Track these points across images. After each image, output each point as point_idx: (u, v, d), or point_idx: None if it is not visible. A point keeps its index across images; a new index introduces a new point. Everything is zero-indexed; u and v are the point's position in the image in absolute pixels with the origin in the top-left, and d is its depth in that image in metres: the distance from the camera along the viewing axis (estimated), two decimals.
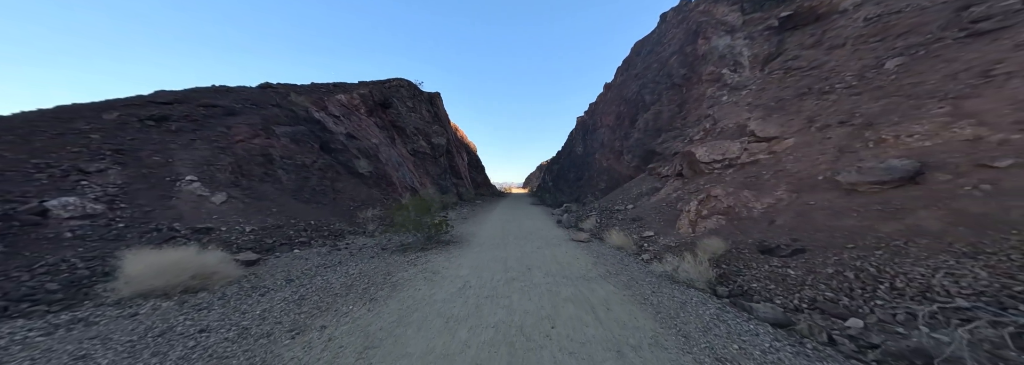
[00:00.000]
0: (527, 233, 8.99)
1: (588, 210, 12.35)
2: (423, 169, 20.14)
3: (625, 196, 11.76)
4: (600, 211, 11.45)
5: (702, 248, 5.41)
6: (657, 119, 14.41)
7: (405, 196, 13.47)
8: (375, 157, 13.65)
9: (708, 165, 8.98)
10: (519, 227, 10.19)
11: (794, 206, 5.43)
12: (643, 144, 14.53)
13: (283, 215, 6.56)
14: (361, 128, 14.77)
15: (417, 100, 23.24)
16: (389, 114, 19.45)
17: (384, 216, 8.59)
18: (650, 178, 12.08)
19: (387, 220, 8.20)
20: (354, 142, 12.96)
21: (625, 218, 9.25)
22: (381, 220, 8.57)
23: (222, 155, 6.89)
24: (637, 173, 14.38)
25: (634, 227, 8.26)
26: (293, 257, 5.38)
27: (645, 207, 9.64)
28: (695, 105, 12.85)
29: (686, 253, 5.37)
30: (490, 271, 5.04)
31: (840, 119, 6.55)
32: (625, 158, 15.33)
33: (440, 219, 7.15)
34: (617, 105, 21.29)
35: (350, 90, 16.66)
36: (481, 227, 10.24)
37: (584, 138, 27.24)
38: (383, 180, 12.72)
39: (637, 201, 10.83)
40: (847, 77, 7.69)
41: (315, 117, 11.81)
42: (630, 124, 16.67)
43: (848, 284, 3.59)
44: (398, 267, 5.17)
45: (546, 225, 10.81)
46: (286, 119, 9.79)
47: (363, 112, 16.27)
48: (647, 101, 15.49)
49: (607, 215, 10.48)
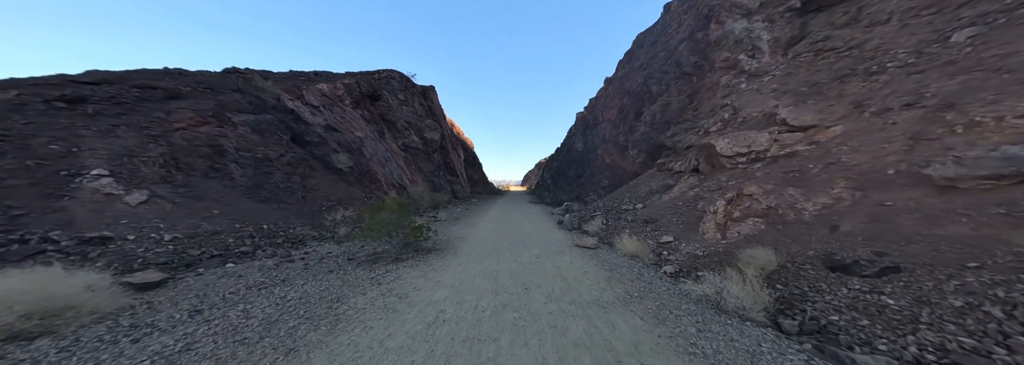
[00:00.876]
0: (524, 237, 7.78)
1: (591, 210, 11.15)
2: (415, 166, 18.87)
3: (633, 194, 10.57)
4: (605, 211, 10.26)
5: (744, 260, 4.22)
6: (665, 111, 13.20)
7: (391, 194, 12.24)
8: (358, 151, 12.38)
9: (730, 159, 7.79)
10: (516, 229, 8.98)
11: (862, 208, 4.24)
12: (650, 138, 13.32)
13: (226, 218, 5.33)
14: (344, 120, 13.48)
15: (409, 93, 21.91)
16: (378, 107, 18.13)
17: (360, 217, 7.35)
18: (659, 174, 10.89)
19: (362, 222, 6.97)
20: (334, 135, 11.68)
21: (635, 220, 8.06)
22: (355, 222, 7.33)
23: (152, 145, 5.64)
24: (644, 169, 13.19)
25: (648, 230, 7.07)
26: (222, 274, 4.15)
27: (657, 207, 8.45)
28: (708, 95, 11.64)
29: (726, 267, 4.18)
30: (475, 293, 3.83)
31: (904, 101, 5.35)
32: (630, 153, 14.13)
33: (419, 223, 5.91)
34: (619, 99, 20.08)
35: (334, 79, 15.33)
36: (473, 229, 9.02)
37: (584, 134, 26.03)
38: (366, 176, 11.47)
39: (647, 200, 9.64)
40: (900, 55, 6.48)
41: (288, 106, 10.52)
42: (635, 117, 15.46)
43: (997, 326, 2.40)
44: (355, 288, 3.95)
45: (546, 227, 9.61)
46: (249, 106, 8.52)
47: (348, 103, 14.96)
48: (654, 92, 14.27)
49: (614, 216, 9.28)
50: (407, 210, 6.10)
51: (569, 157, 27.83)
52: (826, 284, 3.48)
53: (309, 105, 11.80)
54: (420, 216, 11.39)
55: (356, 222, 7.21)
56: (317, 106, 12.37)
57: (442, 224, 9.86)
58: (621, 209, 9.70)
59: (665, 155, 11.69)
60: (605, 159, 17.07)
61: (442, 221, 10.48)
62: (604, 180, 15.81)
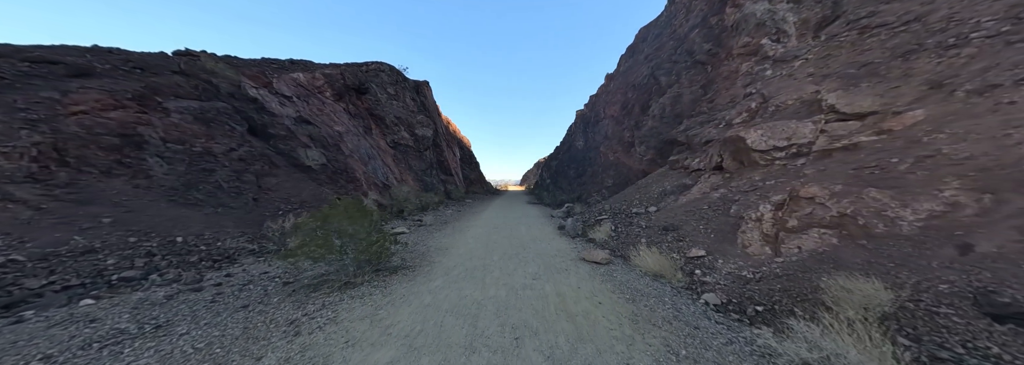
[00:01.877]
0: (520, 247, 6.42)
1: (596, 212, 9.81)
2: (405, 164, 17.48)
3: (643, 195, 9.23)
4: (612, 214, 8.92)
5: (833, 293, 2.88)
6: (676, 103, 11.86)
7: (372, 195, 10.85)
8: (335, 147, 10.98)
9: (764, 154, 6.46)
10: (510, 237, 7.62)
11: (1002, 218, 2.90)
12: (659, 133, 11.99)
13: (120, 229, 3.95)
14: (322, 113, 12.07)
15: (400, 87, 20.48)
16: (366, 101, 16.72)
17: (304, 225, 5.96)
18: (673, 173, 9.55)
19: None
20: (306, 128, 10.28)
21: (651, 226, 6.71)
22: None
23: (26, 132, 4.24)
24: (652, 168, 11.86)
25: (669, 240, 5.73)
26: (62, 319, 2.75)
27: (675, 210, 7.11)
28: (726, 84, 10.31)
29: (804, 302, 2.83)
30: (440, 351, 2.46)
31: (1018, 76, 4.02)
32: (636, 150, 12.80)
33: (379, 236, 4.52)
34: (623, 94, 18.75)
35: (313, 69, 13.91)
36: (460, 237, 7.65)
37: (585, 131, 24.70)
38: (342, 175, 10.07)
39: (660, 202, 8.30)
40: (986, 23, 5.16)
41: (250, 94, 9.11)
42: (641, 112, 14.12)
43: None
44: (257, 341, 2.57)
45: (545, 233, 8.25)
46: (192, 91, 7.11)
47: (329, 95, 13.54)
48: (662, 83, 12.93)
49: (624, 220, 7.93)
50: (367, 216, 4.71)
51: (569, 155, 26.49)
52: (995, 343, 2.14)
53: (279, 95, 10.38)
54: (404, 219, 10.00)
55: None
56: (289, 96, 10.96)
57: (425, 230, 8.49)
58: (631, 212, 8.36)
59: (678, 151, 10.35)
60: (608, 157, 15.73)
61: (427, 226, 9.11)
62: (608, 179, 14.47)
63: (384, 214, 9.82)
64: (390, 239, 4.72)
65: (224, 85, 8.42)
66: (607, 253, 5.55)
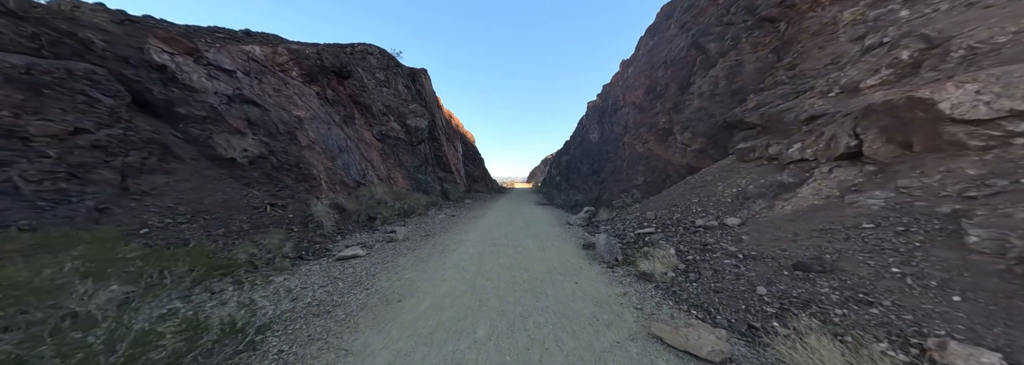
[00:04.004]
0: (531, 293, 3.57)
1: (633, 222, 6.88)
2: (394, 159, 14.75)
3: (706, 199, 6.25)
4: (661, 226, 5.98)
5: None
6: (734, 75, 8.77)
7: (336, 196, 8.11)
8: (288, 136, 8.28)
9: (982, 128, 3.43)
10: (514, 265, 4.77)
11: None
12: (710, 115, 8.93)
13: None
14: (279, 95, 9.38)
15: (392, 73, 17.72)
16: (349, 86, 14.00)
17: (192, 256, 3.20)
18: (748, 166, 6.53)
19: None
20: (244, 109, 7.58)
21: (751, 255, 3.76)
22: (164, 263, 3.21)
23: None
24: (701, 160, 8.83)
25: (831, 301, 2.78)
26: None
27: (781, 225, 4.16)
28: (818, 41, 7.19)
29: None
30: None
31: None
32: (678, 139, 9.76)
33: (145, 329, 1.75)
34: (646, 77, 15.63)
35: (278, 44, 11.23)
36: (436, 264, 4.83)
37: (600, 122, 21.62)
38: (289, 171, 7.37)
39: (742, 209, 5.31)
40: None
41: (156, 60, 6.43)
42: (679, 92, 11.03)
43: None
44: None
45: (567, 257, 5.36)
46: (23, 43, 4.45)
47: (295, 76, 10.84)
48: (711, 53, 9.82)
49: (688, 239, 4.99)
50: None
51: (582, 150, 23.47)
52: None
53: (211, 67, 7.70)
54: (374, 230, 7.23)
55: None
56: (230, 70, 8.28)
57: (390, 251, 5.71)
58: (695, 226, 5.40)
59: (748, 137, 7.32)
60: (636, 149, 12.68)
61: (398, 243, 6.33)
62: (637, 176, 11.44)
63: (345, 225, 7.09)
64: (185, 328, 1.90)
65: (102, 43, 5.75)
66: (710, 329, 2.60)
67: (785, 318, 2.58)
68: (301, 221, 6.16)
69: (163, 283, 3.20)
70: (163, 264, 3.36)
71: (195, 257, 3.76)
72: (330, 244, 5.91)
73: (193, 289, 3.34)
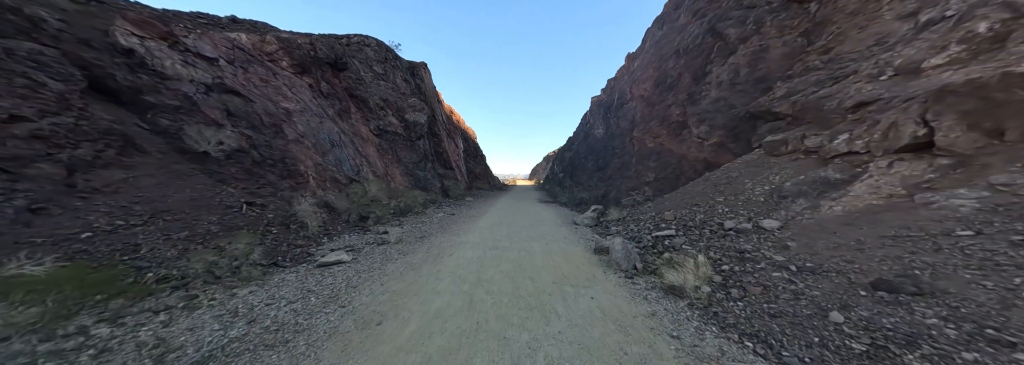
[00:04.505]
0: (539, 311, 2.91)
1: (648, 223, 6.20)
2: (392, 155, 14.11)
3: (731, 198, 5.54)
4: (683, 227, 5.29)
5: None
6: (758, 62, 7.99)
7: (326, 194, 7.47)
8: (273, 129, 7.64)
9: None
10: (517, 274, 4.12)
11: None
12: (730, 106, 8.18)
13: None
14: (267, 85, 8.73)
15: (390, 66, 17.00)
16: (344, 79, 13.32)
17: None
18: (778, 161, 5.81)
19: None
20: (223, 99, 6.93)
21: (804, 268, 3.07)
22: None
23: None
24: (720, 155, 8.10)
25: (963, 340, 2.10)
26: None
27: (836, 229, 3.46)
28: (857, 21, 6.40)
29: None
30: None
31: None
32: (694, 132, 9.02)
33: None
34: (655, 68, 14.84)
35: (265, 32, 10.54)
36: (430, 272, 4.19)
37: (605, 117, 20.83)
38: (273, 167, 6.74)
39: (779, 210, 4.60)
40: None
41: (123, 44, 5.78)
42: (693, 82, 10.25)
43: None
44: None
45: (578, 264, 4.70)
46: None
47: (286, 66, 10.18)
48: (731, 39, 9.01)
49: (718, 245, 4.30)
50: None
51: (586, 145, 22.71)
52: None
53: (189, 53, 7.04)
54: (365, 230, 6.59)
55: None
56: (212, 58, 7.62)
57: (379, 255, 5.07)
58: (724, 228, 4.71)
59: (773, 129, 6.57)
60: (646, 144, 11.94)
61: (390, 246, 5.70)
62: (648, 173, 10.72)
63: (334, 225, 6.46)
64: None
65: (58, 22, 5.10)
66: None
67: (883, 361, 1.91)
68: (282, 222, 5.53)
69: (60, 312, 2.56)
70: (61, 288, 2.72)
71: (105, 277, 3.11)
72: (314, 247, 5.28)
73: (98, 318, 2.71)
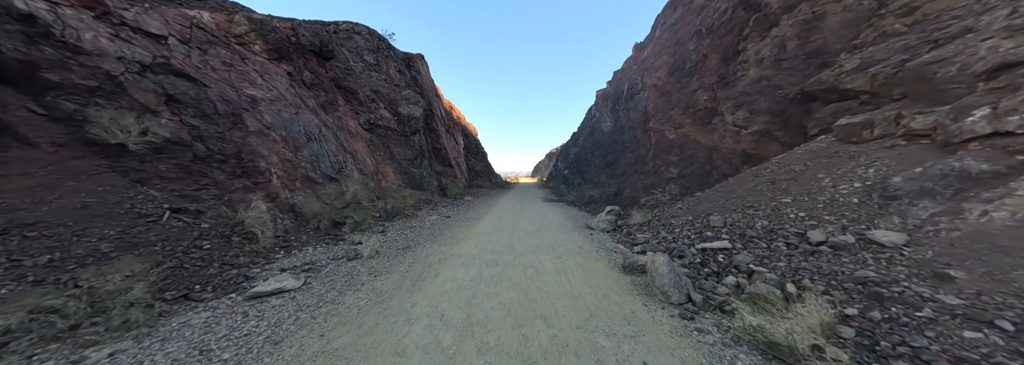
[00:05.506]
0: None
1: (681, 227, 4.85)
2: (384, 151, 12.83)
3: (802, 197, 4.17)
4: (737, 237, 3.94)
5: None
6: (809, 32, 6.55)
7: (293, 195, 6.20)
8: (231, 118, 6.36)
9: None
10: (522, 312, 2.82)
11: None
12: (776, 87, 6.76)
13: None
14: (231, 70, 7.44)
15: (383, 56, 15.65)
16: (331, 69, 12.02)
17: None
18: (863, 149, 4.42)
19: None
20: (164, 81, 5.64)
21: None
22: None
23: None
24: (763, 145, 6.71)
25: None
26: None
27: (1011, 248, 2.09)
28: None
29: None
30: None
31: None
32: (728, 119, 7.62)
33: None
34: (670, 53, 13.39)
35: (234, 12, 9.26)
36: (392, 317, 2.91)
37: (613, 110, 19.38)
38: (223, 163, 5.47)
39: (885, 216, 3.23)
40: None
41: (20, 8, 4.51)
42: (721, 63, 8.81)
43: None
44: None
45: (601, 286, 3.37)
46: None
47: (259, 50, 8.89)
48: (773, 9, 7.53)
49: (808, 264, 2.94)
50: None
51: (593, 140, 21.29)
52: None
53: (127, 28, 5.75)
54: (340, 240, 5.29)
55: None
56: (160, 36, 6.34)
57: (341, 277, 3.78)
58: (810, 242, 3.35)
59: (840, 111, 5.17)
60: (665, 135, 10.52)
61: (361, 261, 4.41)
62: (671, 168, 9.32)
63: (298, 234, 5.18)
64: None
65: None
66: None
67: None
68: (222, 234, 4.26)
69: None
70: None
71: None
72: (260, 266, 4.01)
73: None
